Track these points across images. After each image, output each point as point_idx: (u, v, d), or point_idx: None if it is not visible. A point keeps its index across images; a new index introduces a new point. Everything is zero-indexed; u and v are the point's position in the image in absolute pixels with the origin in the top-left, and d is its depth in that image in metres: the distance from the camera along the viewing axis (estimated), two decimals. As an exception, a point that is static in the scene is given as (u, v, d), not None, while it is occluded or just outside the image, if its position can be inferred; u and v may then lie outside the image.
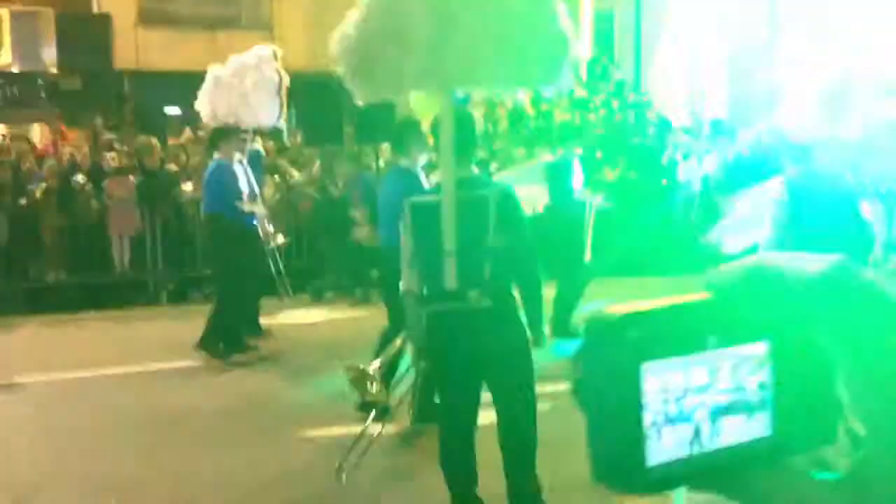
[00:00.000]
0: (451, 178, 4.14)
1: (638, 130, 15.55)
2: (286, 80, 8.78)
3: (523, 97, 18.92)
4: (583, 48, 21.95)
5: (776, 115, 7.71)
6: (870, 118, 6.22)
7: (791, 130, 7.03)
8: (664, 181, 13.07)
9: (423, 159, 5.97)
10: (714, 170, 9.96)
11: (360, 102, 4.51)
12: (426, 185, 5.71)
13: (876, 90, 5.98)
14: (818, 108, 6.63)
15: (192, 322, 9.50)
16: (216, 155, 8.31)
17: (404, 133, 6.00)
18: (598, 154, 13.17)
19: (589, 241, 8.29)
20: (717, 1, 19.21)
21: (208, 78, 8.89)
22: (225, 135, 8.27)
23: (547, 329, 8.11)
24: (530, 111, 18.11)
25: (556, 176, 8.16)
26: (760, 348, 0.58)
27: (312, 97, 13.85)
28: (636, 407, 0.59)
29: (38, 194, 10.63)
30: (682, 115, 18.66)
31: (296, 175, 11.79)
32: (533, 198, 8.40)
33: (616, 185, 11.85)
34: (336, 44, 4.30)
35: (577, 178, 8.38)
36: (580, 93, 19.54)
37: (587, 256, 8.24)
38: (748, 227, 8.15)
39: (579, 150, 8.63)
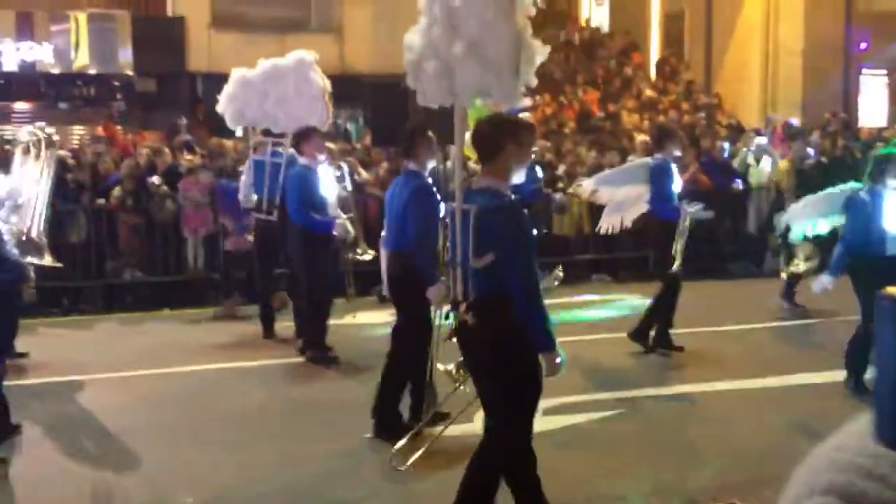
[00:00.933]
0: (459, 190, 4.29)
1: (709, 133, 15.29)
2: (328, 86, 8.77)
3: (591, 98, 18.81)
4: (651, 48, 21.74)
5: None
6: None
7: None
8: (736, 185, 12.84)
9: (431, 163, 6.07)
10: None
11: (424, 104, 4.91)
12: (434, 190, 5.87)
13: None
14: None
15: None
16: (301, 159, 8.02)
17: (414, 137, 6.00)
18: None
19: (681, 248, 7.96)
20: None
21: (234, 80, 8.90)
22: (307, 136, 8.02)
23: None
24: (597, 112, 17.98)
25: (658, 179, 8.04)
26: None
27: (381, 99, 13.98)
28: None
29: (115, 194, 10.90)
30: (755, 117, 18.33)
31: (364, 174, 11.88)
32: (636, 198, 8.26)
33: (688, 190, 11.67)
34: (405, 51, 4.77)
35: (677, 181, 8.18)
36: (649, 94, 19.34)
37: (677, 263, 7.92)
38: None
39: (678, 153, 8.30)
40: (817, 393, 6.95)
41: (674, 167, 8.11)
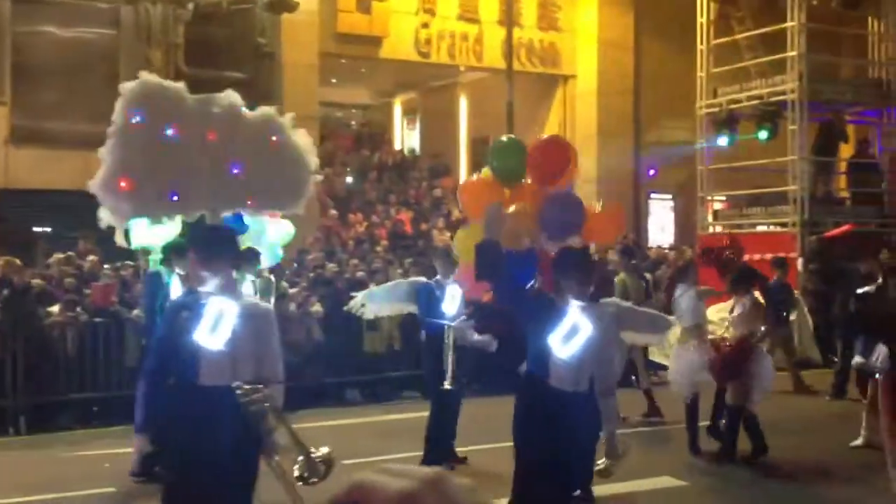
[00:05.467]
0: None
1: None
2: None
3: (404, 218, 19.29)
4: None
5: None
6: None
7: None
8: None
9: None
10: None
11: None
12: None
13: None
14: None
15: (52, 451, 9.10)
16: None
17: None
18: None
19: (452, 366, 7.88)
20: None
21: None
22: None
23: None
24: (409, 230, 18.43)
25: (426, 298, 8.13)
26: None
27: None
28: None
29: None
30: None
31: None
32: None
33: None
34: None
35: (449, 301, 8.10)
36: (458, 214, 20.07)
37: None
38: None
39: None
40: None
41: (452, 287, 8.02)
